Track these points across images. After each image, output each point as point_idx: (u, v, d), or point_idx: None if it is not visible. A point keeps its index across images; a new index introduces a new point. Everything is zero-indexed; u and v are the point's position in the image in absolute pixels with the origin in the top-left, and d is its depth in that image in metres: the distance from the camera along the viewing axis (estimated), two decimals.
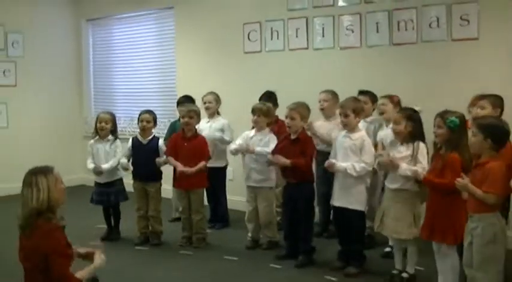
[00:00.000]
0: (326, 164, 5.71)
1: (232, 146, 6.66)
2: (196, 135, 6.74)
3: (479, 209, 4.25)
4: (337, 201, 5.75)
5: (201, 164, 6.55)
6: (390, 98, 6.17)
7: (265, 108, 6.53)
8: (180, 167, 6.54)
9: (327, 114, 6.79)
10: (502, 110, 5.35)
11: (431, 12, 6.77)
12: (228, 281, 5.72)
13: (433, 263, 5.08)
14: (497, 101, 5.35)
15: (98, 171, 6.84)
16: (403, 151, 5.27)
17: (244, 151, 6.54)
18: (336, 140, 5.87)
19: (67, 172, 4.18)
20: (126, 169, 6.89)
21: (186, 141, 6.64)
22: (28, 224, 3.68)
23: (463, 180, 4.32)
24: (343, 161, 5.62)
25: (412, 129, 5.23)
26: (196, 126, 6.87)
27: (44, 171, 3.79)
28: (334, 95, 6.78)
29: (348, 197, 5.65)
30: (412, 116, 5.29)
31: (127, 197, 7.00)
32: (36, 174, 3.74)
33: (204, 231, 6.82)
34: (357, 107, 5.71)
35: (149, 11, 9.81)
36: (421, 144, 5.23)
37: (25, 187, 3.74)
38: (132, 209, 6.91)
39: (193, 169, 6.52)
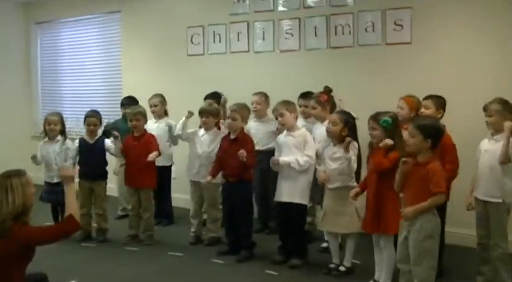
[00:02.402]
0: (271, 161, 5.55)
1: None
2: (144, 133, 6.52)
3: (415, 204, 4.07)
4: (282, 196, 5.58)
5: (154, 153, 6.26)
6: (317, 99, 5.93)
7: (213, 109, 6.33)
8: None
9: (259, 115, 6.73)
10: (444, 111, 5.17)
11: (367, 17, 6.67)
12: (172, 276, 5.50)
13: (370, 257, 5.02)
14: (440, 102, 5.17)
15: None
16: (337, 152, 5.16)
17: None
18: (278, 141, 5.74)
19: None
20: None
21: (135, 141, 6.46)
22: (3, 229, 3.46)
23: (406, 210, 4.12)
24: None
25: (347, 134, 5.10)
26: (145, 126, 6.66)
27: (18, 174, 3.61)
28: (266, 97, 6.75)
29: (292, 192, 5.49)
30: (349, 122, 5.16)
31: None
32: (11, 178, 3.56)
33: (153, 229, 6.60)
34: (290, 106, 5.67)
35: (96, 14, 9.48)
36: (354, 143, 5.13)
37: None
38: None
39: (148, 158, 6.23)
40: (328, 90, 5.92)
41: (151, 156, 6.18)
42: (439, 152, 4.44)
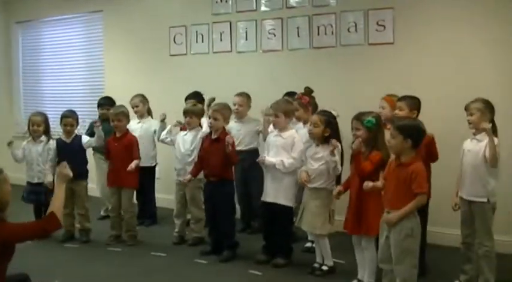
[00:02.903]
0: (258, 159, 5.55)
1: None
2: (126, 133, 6.46)
3: (397, 204, 4.06)
4: (267, 196, 5.56)
5: (134, 163, 6.27)
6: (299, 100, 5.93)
7: (197, 109, 6.34)
8: None
9: (241, 116, 6.67)
10: (419, 111, 5.12)
11: (350, 17, 6.64)
12: (155, 276, 5.43)
13: (353, 257, 4.99)
14: (413, 103, 5.13)
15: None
16: (319, 152, 5.15)
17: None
18: (267, 139, 5.72)
19: None
20: None
21: (116, 142, 6.41)
22: None
23: (390, 216, 4.11)
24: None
25: (329, 135, 5.08)
26: (128, 126, 6.60)
27: None
28: (247, 97, 6.69)
29: (277, 193, 5.47)
30: (331, 122, 5.13)
31: None
32: None
33: (135, 229, 6.52)
34: (289, 109, 5.57)
35: (78, 14, 9.35)
36: (338, 145, 5.09)
37: None
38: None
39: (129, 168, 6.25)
40: (308, 91, 5.91)
41: (131, 167, 6.21)
42: (425, 151, 4.49)
